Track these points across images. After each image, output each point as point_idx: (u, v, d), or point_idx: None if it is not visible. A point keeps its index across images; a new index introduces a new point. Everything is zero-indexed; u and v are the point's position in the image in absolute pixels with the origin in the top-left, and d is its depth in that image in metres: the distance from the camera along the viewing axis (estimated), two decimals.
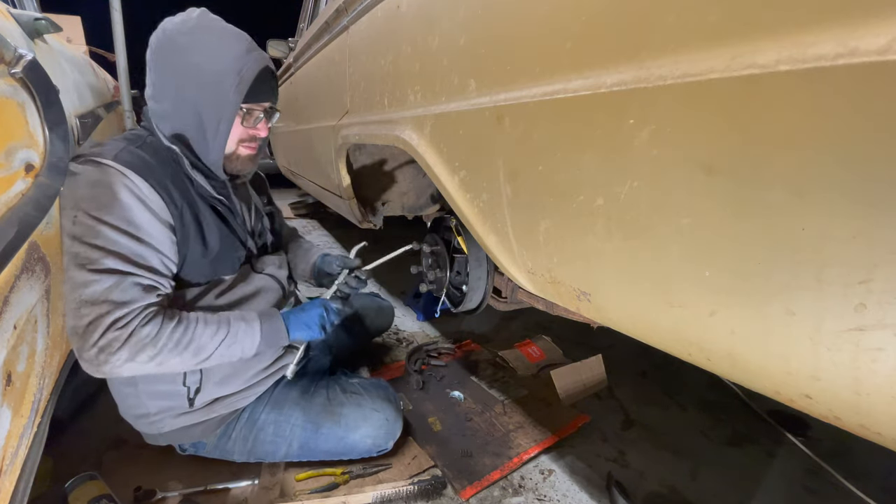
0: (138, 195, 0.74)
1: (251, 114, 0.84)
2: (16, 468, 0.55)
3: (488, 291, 1.09)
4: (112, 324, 0.70)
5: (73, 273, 0.69)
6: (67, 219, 0.69)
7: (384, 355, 1.52)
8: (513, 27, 0.55)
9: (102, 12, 2.13)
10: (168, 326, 0.75)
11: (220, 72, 0.78)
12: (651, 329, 0.48)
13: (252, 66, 0.80)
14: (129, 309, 0.71)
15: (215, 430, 0.93)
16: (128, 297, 0.71)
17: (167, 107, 0.81)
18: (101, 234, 0.70)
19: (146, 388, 0.85)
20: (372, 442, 0.98)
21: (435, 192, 1.41)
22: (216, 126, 0.81)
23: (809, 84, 0.28)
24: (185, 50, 0.78)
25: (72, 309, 0.69)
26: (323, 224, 3.68)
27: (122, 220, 0.72)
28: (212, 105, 0.79)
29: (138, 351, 0.72)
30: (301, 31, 2.49)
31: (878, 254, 0.27)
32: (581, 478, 1.01)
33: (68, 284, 0.69)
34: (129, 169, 0.74)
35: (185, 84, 0.79)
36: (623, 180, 0.43)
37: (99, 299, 0.69)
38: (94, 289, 0.69)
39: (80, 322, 0.68)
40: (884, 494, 0.95)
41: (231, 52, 0.79)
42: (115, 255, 0.71)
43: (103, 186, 0.71)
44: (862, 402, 0.31)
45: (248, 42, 0.83)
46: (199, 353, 0.79)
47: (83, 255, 0.69)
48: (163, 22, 0.81)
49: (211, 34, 0.79)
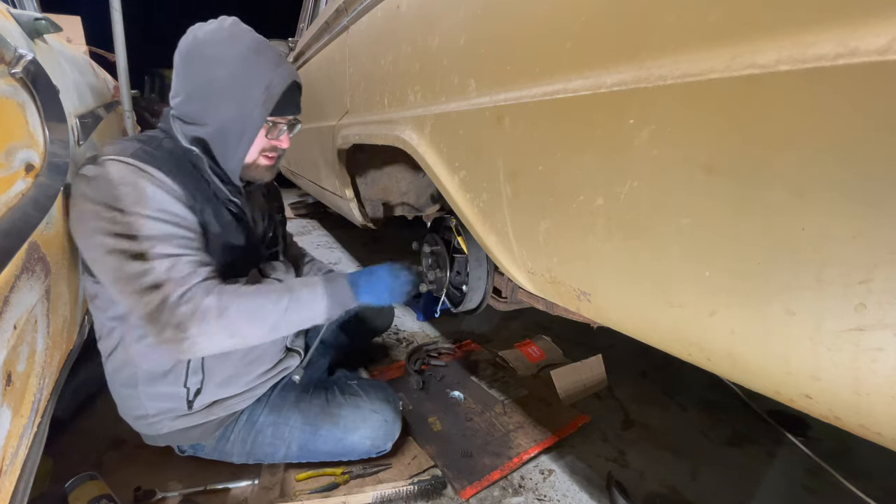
0: (162, 186, 0.75)
1: (276, 126, 0.85)
2: (16, 468, 0.54)
3: (488, 291, 1.09)
4: (178, 300, 0.71)
5: (127, 267, 0.70)
6: (104, 220, 0.69)
7: (384, 355, 1.52)
8: (513, 27, 0.55)
9: (102, 12, 2.13)
10: (233, 298, 0.76)
11: (248, 85, 0.79)
12: (651, 329, 0.48)
13: (280, 81, 0.81)
14: (190, 283, 0.73)
15: (214, 432, 0.93)
16: (185, 272, 0.73)
17: (192, 112, 0.81)
18: (144, 226, 0.71)
19: (146, 390, 0.85)
20: (371, 443, 0.98)
21: (435, 192, 1.41)
22: (239, 137, 0.81)
23: (809, 84, 0.28)
24: (215, 59, 0.78)
25: (135, 301, 0.70)
26: (323, 224, 3.68)
27: (158, 209, 0.73)
28: (238, 116, 0.80)
29: (208, 324, 0.73)
30: (301, 31, 2.49)
31: (878, 254, 0.27)
32: (581, 478, 1.01)
33: (124, 278, 0.70)
34: (149, 164, 0.75)
35: (213, 93, 0.79)
36: (623, 180, 0.43)
37: (159, 282, 0.71)
38: (153, 275, 0.70)
39: (148, 308, 0.70)
40: (884, 494, 0.95)
41: (260, 65, 0.80)
42: (163, 241, 0.72)
43: (128, 184, 0.72)
44: (862, 402, 0.31)
45: (278, 55, 0.83)
46: (267, 320, 0.78)
47: (133, 249, 0.70)
48: (193, 28, 0.82)
49: (241, 45, 0.80)
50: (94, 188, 0.71)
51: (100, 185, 0.71)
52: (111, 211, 0.70)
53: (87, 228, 0.71)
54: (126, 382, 0.86)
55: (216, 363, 0.88)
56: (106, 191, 0.70)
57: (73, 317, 0.84)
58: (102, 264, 0.71)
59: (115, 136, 1.73)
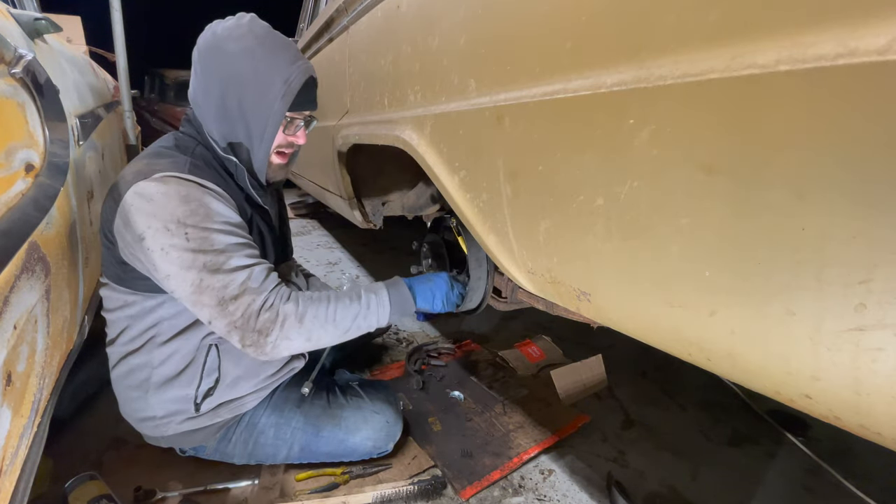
0: (224, 202, 0.79)
1: (293, 122, 0.87)
2: (16, 468, 0.54)
3: (488, 291, 1.08)
4: (261, 308, 0.75)
5: (208, 280, 0.73)
6: (178, 237, 0.72)
7: (384, 355, 1.52)
8: (513, 27, 0.55)
9: (102, 12, 2.13)
10: (307, 304, 0.80)
11: (269, 79, 0.80)
12: (651, 329, 0.48)
13: (299, 76, 0.82)
14: (267, 291, 0.77)
15: (215, 434, 0.93)
16: (260, 281, 0.77)
17: (212, 110, 0.82)
18: (217, 240, 0.74)
19: (158, 394, 0.86)
20: (373, 444, 0.98)
21: (435, 192, 1.40)
22: (262, 133, 0.83)
23: (809, 84, 0.28)
24: (235, 56, 0.79)
25: (218, 311, 0.74)
26: (323, 224, 3.68)
27: (225, 223, 0.77)
28: (258, 112, 0.81)
29: (289, 329, 0.77)
30: (301, 31, 2.49)
31: (878, 254, 0.27)
32: (581, 478, 1.01)
33: (207, 291, 0.73)
34: (206, 179, 0.77)
35: (232, 89, 0.80)
36: (623, 180, 0.43)
37: (240, 293, 0.74)
38: (234, 286, 0.74)
39: (233, 318, 0.74)
40: (884, 494, 0.95)
41: (279, 60, 0.81)
42: (237, 253, 0.76)
43: (194, 200, 0.74)
44: (862, 402, 0.31)
45: (295, 50, 0.85)
46: (340, 326, 0.82)
47: (211, 262, 0.73)
48: (212, 25, 0.82)
49: (260, 41, 0.81)
50: (160, 206, 0.72)
51: (167, 202, 0.72)
52: (184, 227, 0.72)
53: (157, 245, 0.72)
54: (137, 385, 0.86)
55: (231, 364, 0.89)
56: (174, 208, 0.72)
57: (73, 317, 0.84)
58: (181, 280, 0.73)
59: (115, 137, 1.73)
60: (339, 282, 2.27)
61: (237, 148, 0.85)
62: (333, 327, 0.81)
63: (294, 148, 0.91)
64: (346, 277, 2.33)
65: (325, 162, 1.51)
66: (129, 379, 0.86)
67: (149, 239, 0.72)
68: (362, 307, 0.85)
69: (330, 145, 1.37)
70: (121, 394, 0.89)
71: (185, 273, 0.72)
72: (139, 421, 0.90)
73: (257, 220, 0.89)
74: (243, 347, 0.76)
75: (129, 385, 0.87)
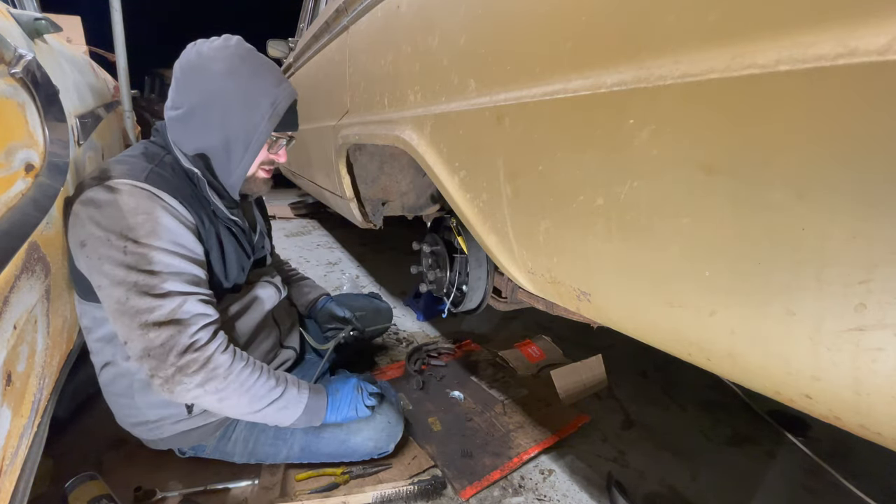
0: (176, 216, 0.76)
1: (277, 142, 0.88)
2: (16, 468, 0.54)
3: (488, 291, 1.09)
4: (190, 345, 0.72)
5: (135, 301, 0.70)
6: (115, 249, 0.69)
7: (384, 355, 1.52)
8: (513, 27, 0.55)
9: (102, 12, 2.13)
10: (240, 363, 0.77)
11: (256, 100, 0.81)
12: (651, 329, 0.48)
13: (285, 97, 0.84)
14: (197, 327, 0.73)
15: (214, 432, 0.93)
16: (193, 314, 0.73)
17: (193, 127, 0.82)
18: (156, 260, 0.71)
19: (143, 399, 0.85)
20: (374, 444, 0.98)
21: (435, 192, 1.41)
22: (243, 151, 0.83)
23: (809, 84, 0.28)
24: (221, 75, 0.79)
25: (138, 334, 0.70)
26: (323, 224, 3.68)
27: (171, 242, 0.74)
28: (242, 131, 0.81)
29: (210, 379, 0.74)
30: (301, 31, 2.49)
31: (878, 254, 0.27)
32: (581, 478, 1.01)
33: (129, 312, 0.70)
34: (162, 190, 0.75)
35: (216, 108, 0.80)
36: (623, 180, 0.43)
37: (167, 320, 0.71)
38: (161, 312, 0.70)
39: (151, 344, 0.70)
40: (884, 494, 0.95)
41: (265, 82, 0.82)
42: (173, 278, 0.73)
43: (143, 212, 0.72)
44: (862, 402, 0.31)
45: (279, 73, 0.86)
46: (254, 404, 0.80)
47: (143, 283, 0.70)
48: (196, 43, 0.82)
49: (246, 63, 0.81)
50: (106, 214, 0.70)
51: (113, 211, 0.70)
52: (124, 241, 0.69)
53: (95, 255, 0.70)
54: (122, 393, 0.86)
55: None
56: (119, 218, 0.70)
57: (74, 317, 0.84)
58: (108, 293, 0.71)
59: (115, 137, 1.73)
60: (339, 282, 2.27)
61: (207, 161, 0.84)
62: (248, 400, 0.79)
63: (275, 165, 0.93)
64: (346, 277, 2.33)
65: (325, 162, 1.51)
66: (114, 387, 0.86)
67: (89, 246, 0.70)
68: (282, 397, 0.83)
69: (330, 145, 1.37)
70: (111, 402, 0.89)
71: (113, 288, 0.70)
72: (133, 426, 0.90)
73: (221, 233, 0.87)
74: (151, 377, 0.72)
75: (115, 393, 0.87)
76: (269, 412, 0.82)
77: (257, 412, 0.81)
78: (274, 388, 0.82)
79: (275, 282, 1.05)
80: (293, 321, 1.15)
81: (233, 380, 0.76)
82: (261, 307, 0.98)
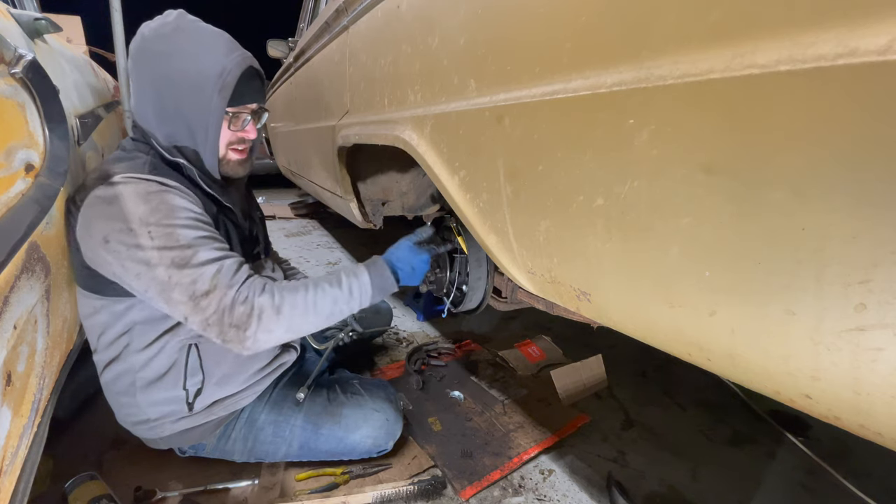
0: (186, 196, 0.76)
1: (238, 117, 0.83)
2: (16, 468, 0.54)
3: (488, 291, 1.08)
4: (233, 302, 0.73)
5: (177, 276, 0.71)
6: (141, 236, 0.70)
7: (384, 355, 1.52)
8: (513, 27, 0.55)
9: (102, 12, 2.13)
10: (286, 294, 0.78)
11: (201, 77, 0.76)
12: (651, 329, 0.48)
13: (234, 68, 0.78)
14: (239, 284, 0.74)
15: (214, 431, 0.93)
16: (231, 274, 0.75)
17: (151, 116, 0.80)
18: (182, 235, 0.72)
19: (145, 397, 0.85)
20: (372, 442, 0.98)
21: (435, 192, 1.41)
22: (205, 133, 0.79)
23: (809, 84, 0.28)
24: (164, 56, 0.76)
25: (192, 307, 0.72)
26: (323, 224, 3.68)
27: (189, 218, 0.74)
28: (197, 112, 0.78)
29: (267, 321, 0.75)
30: (301, 31, 2.48)
31: (878, 254, 0.27)
32: (581, 478, 1.01)
33: (178, 288, 0.71)
34: (166, 177, 0.76)
35: (167, 92, 0.77)
36: (623, 180, 0.43)
37: (211, 288, 0.72)
38: (203, 281, 0.72)
39: (206, 313, 0.72)
40: (884, 494, 0.95)
41: (211, 54, 0.77)
42: (204, 247, 0.73)
43: (155, 198, 0.72)
44: (862, 402, 0.30)
45: (229, 42, 0.80)
46: (321, 312, 0.80)
47: (178, 258, 0.71)
48: (141, 27, 0.79)
49: (189, 37, 0.77)
50: (120, 208, 0.70)
51: (126, 204, 0.71)
52: (146, 226, 0.70)
53: (122, 246, 0.70)
54: (124, 391, 0.86)
55: (213, 363, 0.88)
56: (134, 208, 0.70)
57: (74, 317, 0.84)
58: (149, 278, 0.71)
59: (115, 137, 1.73)
60: None
61: (184, 150, 0.82)
62: (315, 314, 0.80)
63: (248, 143, 0.87)
64: None
65: (325, 162, 1.51)
66: (116, 385, 0.86)
67: (113, 241, 0.70)
68: (343, 291, 0.83)
69: (330, 145, 1.37)
70: (112, 400, 0.89)
71: (152, 271, 0.71)
72: (134, 425, 0.90)
73: (223, 219, 0.86)
74: (224, 343, 0.74)
75: (117, 391, 0.87)
76: (342, 309, 0.83)
77: (330, 316, 0.82)
78: (329, 290, 0.82)
79: (275, 278, 1.05)
80: None
81: (287, 311, 0.77)
82: None
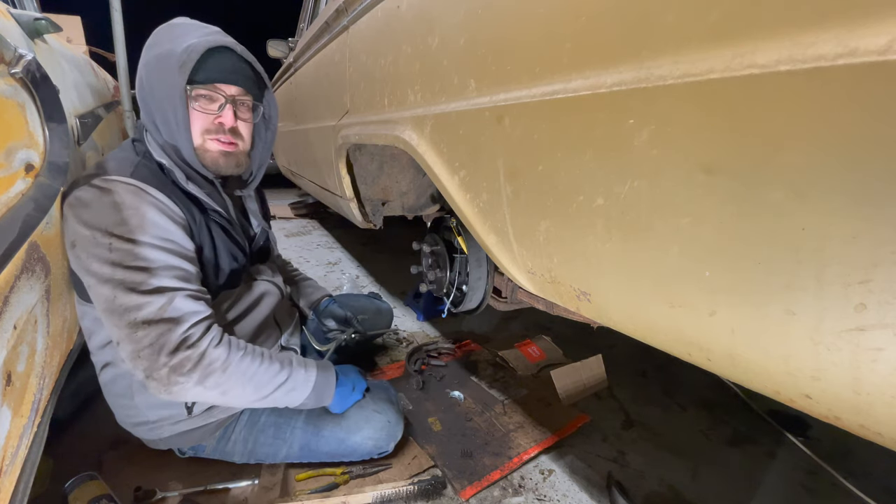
0: (164, 210, 0.73)
1: (209, 98, 0.77)
2: (16, 468, 0.54)
3: (488, 291, 1.09)
4: (181, 342, 0.69)
5: (122, 299, 0.67)
6: (101, 247, 0.67)
7: (384, 355, 1.52)
8: (513, 27, 0.55)
9: (102, 12, 2.13)
10: (237, 354, 0.75)
11: (168, 54, 0.74)
12: (651, 329, 0.48)
13: (201, 42, 0.73)
14: (188, 324, 0.70)
15: (214, 432, 0.93)
16: (183, 311, 0.70)
17: (143, 109, 0.80)
18: (142, 255, 0.68)
19: (143, 400, 0.85)
20: (373, 444, 0.98)
21: (435, 192, 1.41)
22: (174, 115, 0.75)
23: (809, 84, 0.28)
24: (149, 47, 0.77)
25: (126, 333, 0.68)
26: (323, 224, 3.68)
27: (158, 237, 0.71)
28: (163, 91, 0.74)
29: (208, 375, 0.71)
30: (301, 31, 2.48)
31: (878, 254, 0.27)
32: (581, 478, 1.01)
33: (117, 310, 0.67)
34: (150, 185, 0.73)
35: (146, 78, 0.77)
36: (623, 180, 0.43)
37: (155, 319, 0.68)
38: (149, 310, 0.68)
39: (140, 344, 0.68)
40: (884, 494, 0.95)
41: (186, 37, 0.75)
42: (160, 273, 0.70)
43: (129, 207, 0.69)
44: (862, 402, 0.31)
45: (213, 30, 0.79)
46: (260, 391, 0.78)
47: (129, 280, 0.67)
48: None
49: (176, 28, 0.77)
50: (92, 213, 0.68)
51: (99, 209, 0.68)
52: (109, 238, 0.67)
53: (84, 254, 0.68)
54: (122, 393, 0.86)
55: None
56: (104, 216, 0.68)
57: (74, 317, 0.84)
58: (97, 293, 0.69)
59: (115, 137, 1.73)
60: (339, 282, 2.27)
61: (168, 149, 0.80)
62: (253, 389, 0.77)
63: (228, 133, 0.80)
64: (346, 277, 2.33)
65: (325, 162, 1.51)
66: (114, 387, 0.86)
67: (78, 246, 0.69)
68: (289, 380, 0.81)
69: (330, 145, 1.37)
70: (111, 401, 0.89)
71: (101, 286, 0.68)
72: (134, 426, 0.90)
73: (210, 225, 0.83)
74: (145, 379, 0.69)
75: (115, 393, 0.87)
76: (277, 396, 0.80)
77: (265, 398, 0.79)
78: (279, 372, 0.80)
79: (276, 282, 1.05)
80: (294, 322, 1.15)
81: (232, 371, 0.73)
82: (262, 308, 0.98)
